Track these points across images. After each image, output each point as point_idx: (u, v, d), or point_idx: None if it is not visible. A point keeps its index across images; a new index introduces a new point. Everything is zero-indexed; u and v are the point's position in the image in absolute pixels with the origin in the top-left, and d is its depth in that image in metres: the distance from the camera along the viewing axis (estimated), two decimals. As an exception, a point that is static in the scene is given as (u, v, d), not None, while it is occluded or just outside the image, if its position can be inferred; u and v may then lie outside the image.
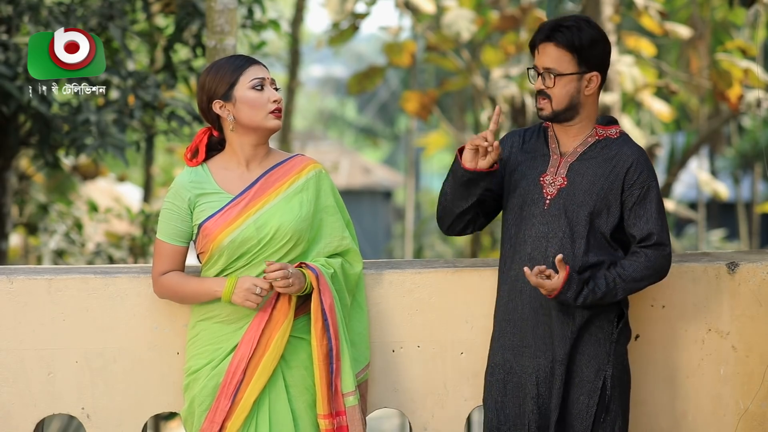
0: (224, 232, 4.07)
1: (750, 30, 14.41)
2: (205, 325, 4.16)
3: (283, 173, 4.19)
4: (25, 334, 4.44)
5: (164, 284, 4.18)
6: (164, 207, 4.16)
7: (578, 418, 4.21)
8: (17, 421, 4.45)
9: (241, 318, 4.12)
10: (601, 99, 10.36)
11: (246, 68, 4.11)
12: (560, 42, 4.18)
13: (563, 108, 4.22)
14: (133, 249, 11.26)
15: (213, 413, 4.07)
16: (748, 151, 22.48)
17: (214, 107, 4.12)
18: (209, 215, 4.09)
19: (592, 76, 4.23)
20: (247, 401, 4.07)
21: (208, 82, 4.12)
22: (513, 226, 4.31)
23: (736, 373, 4.60)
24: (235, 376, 4.07)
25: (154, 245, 4.19)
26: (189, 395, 4.17)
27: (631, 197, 4.20)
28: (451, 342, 4.56)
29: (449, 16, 11.64)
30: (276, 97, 4.11)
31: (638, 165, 4.21)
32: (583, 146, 4.28)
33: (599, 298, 4.13)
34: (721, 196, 14.75)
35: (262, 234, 4.09)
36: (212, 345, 4.13)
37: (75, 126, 7.92)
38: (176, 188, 4.14)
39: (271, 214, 4.11)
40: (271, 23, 10.23)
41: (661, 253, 4.19)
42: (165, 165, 21.87)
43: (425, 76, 24.17)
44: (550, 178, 4.26)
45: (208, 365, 4.12)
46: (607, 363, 4.22)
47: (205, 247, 4.12)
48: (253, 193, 4.13)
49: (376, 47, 34.78)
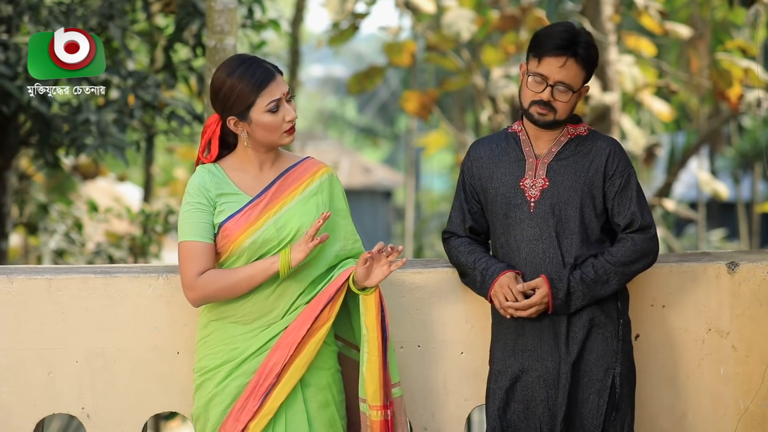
0: (246, 233, 4.05)
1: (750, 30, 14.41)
2: (218, 325, 4.13)
3: (297, 176, 4.19)
4: (25, 334, 4.44)
5: (206, 283, 4.03)
6: (188, 208, 4.07)
7: (589, 418, 4.22)
8: (17, 420, 4.45)
9: (256, 319, 4.10)
10: (601, 99, 10.40)
11: (264, 89, 4.02)
12: (582, 59, 4.18)
13: (563, 119, 4.26)
14: (133, 249, 11.26)
15: (239, 412, 4.04)
16: (748, 151, 22.49)
17: (229, 123, 4.08)
18: (229, 216, 4.06)
19: (584, 89, 4.30)
20: (274, 403, 4.06)
21: (225, 94, 4.04)
22: (501, 234, 4.35)
23: (737, 373, 4.60)
24: (268, 378, 4.06)
25: (181, 251, 4.05)
26: (203, 394, 4.14)
27: (613, 187, 4.26)
28: (451, 342, 4.56)
29: (449, 15, 11.63)
30: (290, 117, 4.06)
31: (615, 155, 4.28)
32: (557, 146, 4.32)
33: (591, 284, 4.17)
34: (721, 196, 14.74)
35: (283, 235, 4.08)
36: (226, 345, 4.11)
37: (75, 126, 7.92)
38: (198, 187, 4.08)
39: (291, 215, 4.11)
40: (271, 23, 10.23)
41: (646, 236, 4.25)
42: (165, 165, 21.87)
43: (425, 75, 24.18)
44: (530, 181, 4.29)
45: (226, 364, 4.09)
46: (615, 361, 4.24)
47: (224, 247, 4.08)
48: (271, 195, 4.12)
49: (376, 47, 34.80)
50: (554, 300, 4.17)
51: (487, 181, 4.36)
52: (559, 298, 4.17)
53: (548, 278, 4.18)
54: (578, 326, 4.23)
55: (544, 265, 4.23)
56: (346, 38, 12.68)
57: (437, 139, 21.77)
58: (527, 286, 4.19)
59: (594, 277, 4.17)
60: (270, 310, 4.10)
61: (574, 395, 4.23)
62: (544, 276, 4.19)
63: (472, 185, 4.42)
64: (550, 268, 4.23)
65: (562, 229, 4.25)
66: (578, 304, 4.19)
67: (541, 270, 4.24)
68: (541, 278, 4.19)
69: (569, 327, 4.23)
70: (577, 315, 4.23)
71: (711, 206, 24.55)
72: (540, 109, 4.23)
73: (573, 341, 4.23)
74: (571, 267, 4.20)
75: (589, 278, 4.17)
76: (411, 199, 21.74)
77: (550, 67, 4.18)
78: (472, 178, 4.41)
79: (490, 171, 4.36)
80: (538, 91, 4.22)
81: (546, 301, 4.18)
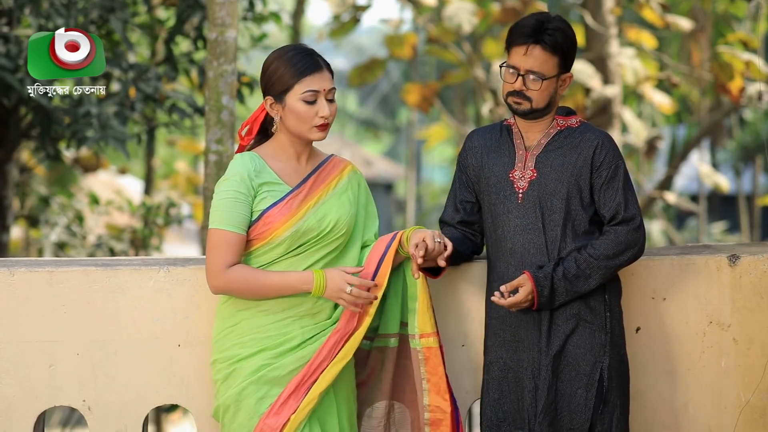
0: (288, 222, 4.06)
1: (751, 22, 14.41)
2: (248, 314, 4.11)
3: (329, 171, 4.23)
4: (26, 327, 4.44)
5: (234, 277, 4.04)
6: (227, 196, 4.05)
7: (577, 412, 4.22)
8: (18, 413, 4.45)
9: (286, 309, 4.11)
10: (602, 91, 10.39)
11: (305, 76, 4.06)
12: (548, 45, 4.20)
13: (542, 107, 4.26)
14: (134, 241, 11.28)
15: (281, 406, 4.04)
16: (749, 144, 22.48)
17: (266, 103, 4.13)
18: (271, 204, 4.07)
19: (566, 77, 4.30)
20: (314, 394, 4.07)
21: (269, 74, 4.09)
22: (491, 224, 4.37)
23: (737, 366, 4.60)
24: (315, 374, 4.08)
25: (213, 237, 4.05)
26: (234, 383, 4.09)
27: (600, 178, 4.26)
28: (452, 334, 4.55)
29: (450, 8, 11.63)
30: (324, 113, 4.07)
31: (603, 147, 4.27)
32: (546, 138, 4.32)
33: (573, 280, 4.17)
34: (723, 189, 14.72)
35: (323, 226, 4.11)
36: (258, 333, 4.10)
37: (76, 118, 7.92)
38: (240, 176, 4.06)
39: (329, 207, 4.14)
40: (272, 15, 10.24)
41: (629, 228, 4.23)
42: (166, 157, 21.89)
43: (426, 68, 24.17)
44: (519, 172, 4.30)
45: (261, 353, 4.08)
46: (603, 354, 4.23)
47: (263, 234, 4.08)
48: (309, 187, 4.15)
49: (377, 39, 34.74)
50: (539, 297, 4.18)
51: (480, 171, 4.38)
52: (543, 295, 4.18)
53: (532, 276, 4.18)
54: (562, 319, 4.24)
55: (528, 256, 4.25)
56: (347, 31, 12.67)
57: (438, 132, 21.76)
58: (510, 285, 4.18)
59: (576, 272, 4.17)
60: (300, 303, 4.12)
61: (561, 389, 4.23)
62: (528, 273, 4.18)
63: (467, 175, 4.43)
64: (534, 258, 4.24)
65: (548, 220, 4.25)
66: (561, 300, 4.20)
67: (526, 260, 4.25)
68: (524, 275, 4.19)
69: (552, 319, 4.24)
70: (561, 308, 4.24)
71: (712, 199, 24.55)
72: (515, 98, 4.25)
73: (555, 334, 4.23)
74: (555, 263, 4.20)
75: (571, 274, 4.17)
76: (412, 191, 21.74)
77: (517, 56, 4.22)
78: (467, 168, 4.43)
79: (483, 161, 4.38)
80: (511, 82, 4.25)
81: (531, 298, 4.19)
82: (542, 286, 4.17)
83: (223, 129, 6.11)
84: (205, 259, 4.10)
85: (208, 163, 6.14)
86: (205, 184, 6.14)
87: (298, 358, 4.09)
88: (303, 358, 4.10)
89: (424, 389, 4.30)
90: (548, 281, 4.17)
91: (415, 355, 4.30)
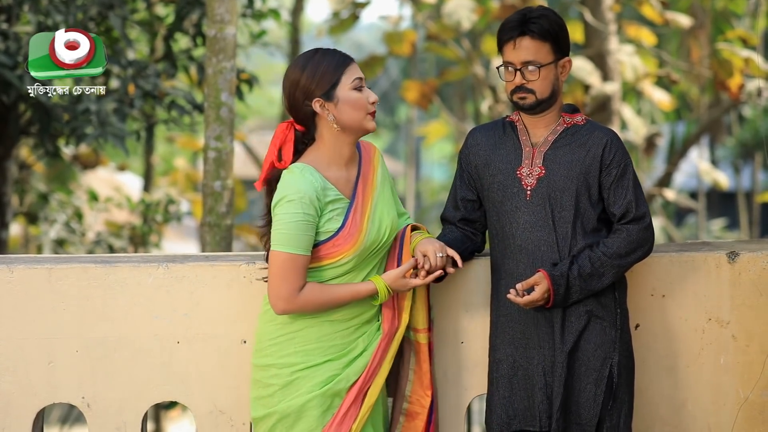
0: (358, 241, 4.05)
1: (750, 19, 14.41)
2: (311, 322, 4.08)
3: (366, 166, 4.22)
4: (25, 324, 4.44)
5: (307, 299, 4.01)
6: (295, 218, 3.96)
7: (585, 407, 4.22)
8: (17, 410, 4.45)
9: (353, 317, 4.13)
10: (601, 88, 10.39)
11: (346, 67, 4.06)
12: (535, 33, 4.21)
13: (546, 97, 4.26)
14: (133, 238, 11.28)
15: (343, 417, 4.05)
16: (748, 141, 22.47)
17: (314, 106, 4.03)
18: (341, 223, 4.05)
19: (566, 62, 4.31)
20: (370, 401, 4.10)
21: (305, 79, 4.02)
22: (497, 222, 4.35)
23: (737, 363, 4.60)
24: (368, 383, 4.10)
25: (284, 261, 3.97)
26: (296, 392, 4.07)
27: (609, 177, 4.26)
28: (452, 331, 4.56)
29: (450, 5, 11.61)
30: (374, 98, 4.08)
31: (612, 145, 4.27)
32: (553, 135, 4.32)
33: (588, 278, 4.17)
34: (722, 186, 14.74)
35: (381, 234, 4.13)
36: (324, 342, 4.09)
37: (75, 115, 7.92)
38: (308, 198, 3.98)
39: (380, 212, 4.15)
40: (271, 12, 10.23)
41: (640, 226, 4.24)
42: (165, 154, 21.89)
43: (425, 65, 24.16)
44: (527, 169, 4.30)
45: (328, 363, 4.07)
46: (613, 351, 4.24)
47: (332, 254, 4.06)
48: (361, 194, 4.13)
49: (377, 36, 34.70)
50: (555, 296, 4.17)
51: (484, 168, 4.37)
52: (559, 293, 4.17)
53: (549, 274, 4.18)
54: (574, 316, 4.24)
55: (539, 253, 4.25)
56: (346, 27, 12.65)
57: (437, 129, 21.77)
58: (526, 284, 4.18)
59: (590, 270, 4.18)
60: (369, 308, 4.15)
61: (571, 385, 4.24)
62: (544, 272, 4.18)
63: (469, 172, 4.43)
64: (545, 255, 4.24)
65: (557, 216, 4.25)
66: (575, 298, 4.20)
67: (536, 257, 4.24)
68: (540, 274, 4.18)
69: (564, 317, 4.24)
70: (573, 305, 4.24)
71: (711, 196, 24.54)
72: (519, 94, 4.26)
73: (568, 331, 4.24)
74: (570, 261, 4.20)
75: (585, 272, 4.17)
76: (411, 188, 21.73)
77: (509, 52, 4.24)
78: (468, 165, 4.42)
79: (487, 158, 4.37)
80: (511, 80, 4.26)
81: (546, 297, 4.18)
82: (558, 284, 4.16)
83: (222, 126, 6.10)
84: (270, 282, 4.03)
85: (207, 159, 6.14)
86: (204, 181, 6.14)
87: (359, 369, 4.10)
88: (363, 368, 4.11)
89: (410, 380, 4.31)
90: (564, 280, 4.17)
91: (409, 344, 4.32)
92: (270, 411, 4.09)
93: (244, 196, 15.14)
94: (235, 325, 4.49)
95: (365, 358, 4.11)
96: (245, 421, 4.50)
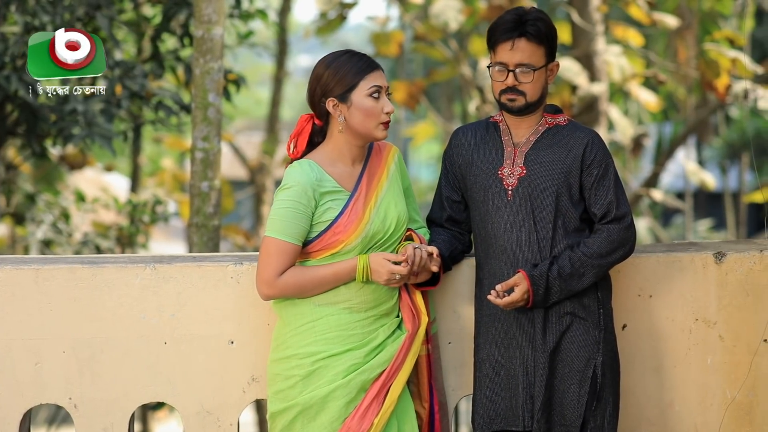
0: (358, 228, 4.09)
1: (738, 20, 14.43)
2: (330, 310, 4.12)
3: (376, 161, 4.25)
4: (12, 324, 4.43)
5: (287, 282, 4.06)
6: (287, 206, 4.05)
7: (569, 408, 4.23)
8: (4, 411, 4.45)
9: (372, 307, 4.15)
10: (588, 89, 10.39)
11: (368, 73, 4.10)
12: (533, 36, 4.22)
13: (536, 100, 4.27)
14: (120, 239, 11.24)
15: (365, 409, 4.07)
16: (735, 141, 22.51)
17: (328, 105, 4.11)
18: (339, 213, 4.09)
19: (553, 66, 4.32)
20: (394, 395, 4.11)
21: (327, 77, 4.09)
22: (480, 222, 4.37)
23: (724, 363, 4.61)
24: (392, 379, 4.12)
25: (269, 245, 4.05)
26: (318, 382, 4.09)
27: (590, 176, 4.27)
28: (439, 332, 4.55)
29: (437, 5, 11.61)
30: (390, 109, 4.11)
31: (593, 145, 4.29)
32: (535, 135, 4.34)
33: (568, 279, 4.18)
34: (709, 186, 14.74)
35: (387, 225, 4.15)
36: (344, 331, 4.11)
37: (62, 116, 7.90)
38: (302, 187, 4.06)
39: (387, 204, 4.18)
40: (258, 13, 10.22)
41: (621, 226, 4.25)
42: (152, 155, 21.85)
43: (413, 65, 24.14)
44: (508, 170, 4.31)
45: (349, 352, 4.10)
46: (597, 351, 4.25)
47: (332, 244, 4.10)
48: (365, 187, 4.16)
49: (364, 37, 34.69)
50: (534, 296, 4.18)
51: (467, 168, 4.38)
52: (539, 294, 4.18)
53: (528, 275, 4.18)
54: (556, 316, 4.25)
55: (520, 253, 4.26)
56: (333, 28, 12.65)
57: (425, 129, 21.75)
58: (506, 285, 4.19)
59: (571, 270, 4.18)
60: (387, 299, 4.18)
61: (555, 385, 4.25)
62: (523, 272, 4.19)
63: (453, 173, 4.43)
64: (526, 255, 4.25)
65: (538, 216, 4.26)
66: (555, 298, 4.21)
67: (518, 257, 4.26)
68: (519, 274, 4.19)
69: (546, 317, 4.25)
70: (555, 305, 4.25)
71: (698, 196, 24.58)
72: (509, 95, 4.26)
73: (550, 331, 4.25)
74: (550, 262, 4.20)
75: (566, 273, 4.18)
76: (399, 189, 21.66)
77: (504, 52, 4.23)
78: (453, 165, 4.43)
79: (470, 158, 4.38)
80: (502, 80, 4.25)
81: (526, 297, 4.19)
82: (538, 285, 4.17)
83: (209, 126, 6.10)
84: (257, 267, 4.10)
85: (194, 160, 6.14)
86: (192, 182, 6.14)
87: (383, 362, 4.12)
88: (386, 362, 4.12)
89: (411, 391, 4.33)
90: (543, 280, 4.17)
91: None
92: (290, 404, 4.10)
93: (231, 196, 15.13)
94: (222, 326, 4.49)
95: (388, 353, 4.13)
96: (232, 421, 4.50)
